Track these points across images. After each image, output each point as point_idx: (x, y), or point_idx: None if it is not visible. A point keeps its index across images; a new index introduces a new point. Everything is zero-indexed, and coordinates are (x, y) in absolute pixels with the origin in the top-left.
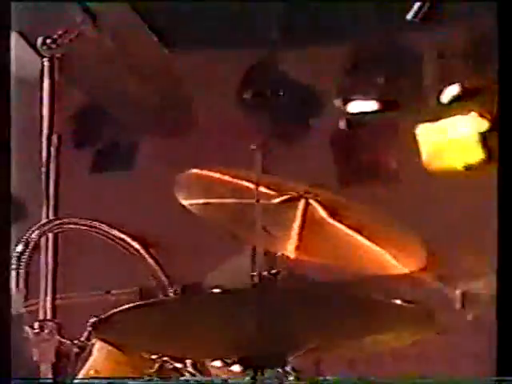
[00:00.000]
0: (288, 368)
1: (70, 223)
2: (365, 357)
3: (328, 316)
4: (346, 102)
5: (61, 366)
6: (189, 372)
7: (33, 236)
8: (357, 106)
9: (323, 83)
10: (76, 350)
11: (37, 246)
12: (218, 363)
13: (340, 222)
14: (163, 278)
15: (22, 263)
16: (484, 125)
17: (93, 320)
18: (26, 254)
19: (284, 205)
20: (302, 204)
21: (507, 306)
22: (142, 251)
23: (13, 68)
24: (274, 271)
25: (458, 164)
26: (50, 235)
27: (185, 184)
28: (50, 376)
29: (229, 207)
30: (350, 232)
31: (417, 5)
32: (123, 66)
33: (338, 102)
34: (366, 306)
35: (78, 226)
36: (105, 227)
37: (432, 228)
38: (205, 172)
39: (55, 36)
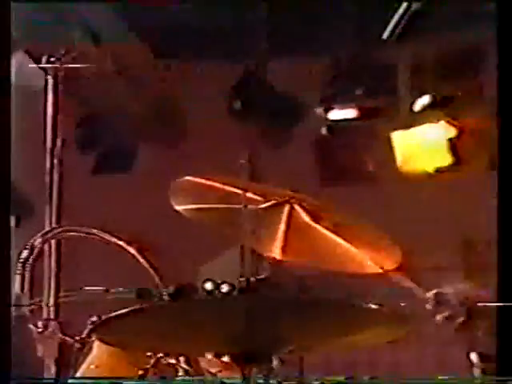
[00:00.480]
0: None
1: (70, 231)
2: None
3: (309, 319)
4: (327, 110)
5: (63, 361)
6: (182, 367)
7: (37, 242)
8: (337, 114)
9: (306, 94)
10: (78, 345)
11: (41, 252)
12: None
13: (321, 225)
14: (157, 279)
15: (26, 268)
16: (452, 132)
17: (92, 321)
18: (31, 259)
19: (270, 210)
20: (286, 209)
21: (507, 306)
22: (136, 255)
23: (13, 75)
24: (260, 277)
25: (429, 167)
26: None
27: (179, 190)
28: (53, 370)
29: (219, 212)
30: (331, 234)
31: (392, 25)
32: (120, 81)
33: (319, 111)
34: (343, 309)
35: (78, 234)
36: (102, 233)
37: (405, 227)
38: (197, 179)
39: (58, 55)
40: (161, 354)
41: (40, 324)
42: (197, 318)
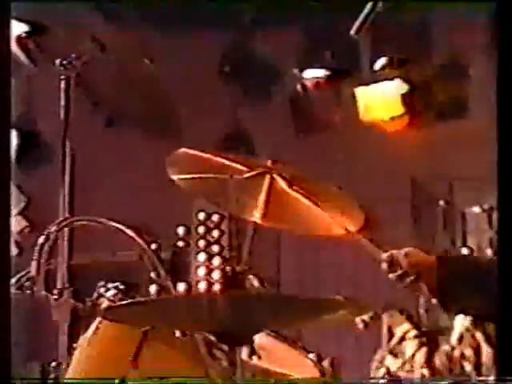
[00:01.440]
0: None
1: (81, 220)
2: None
3: (285, 308)
4: (301, 70)
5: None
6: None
7: (52, 230)
8: (310, 74)
9: (284, 58)
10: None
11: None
12: None
13: (297, 191)
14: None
15: (43, 253)
16: (405, 87)
17: (100, 285)
18: (46, 245)
19: (253, 179)
20: (267, 178)
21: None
22: (136, 238)
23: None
24: (243, 268)
25: (385, 117)
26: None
27: (175, 161)
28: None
29: (209, 181)
30: (305, 200)
31: (359, 22)
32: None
33: (295, 71)
34: (314, 301)
35: (87, 222)
36: (107, 221)
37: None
38: (191, 151)
39: (70, 59)
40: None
41: (55, 292)
42: (188, 305)
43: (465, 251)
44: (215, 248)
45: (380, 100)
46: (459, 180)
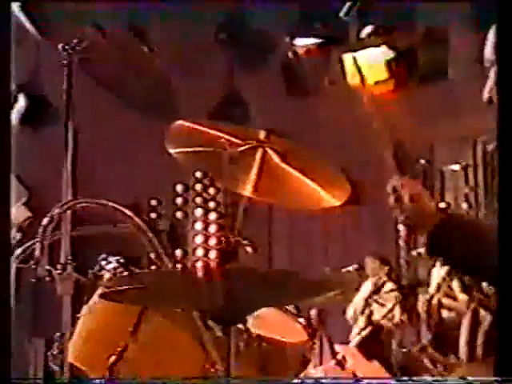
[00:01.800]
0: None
1: (83, 202)
2: None
3: (276, 289)
4: (293, 38)
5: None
6: None
7: (55, 212)
8: (301, 41)
9: (277, 27)
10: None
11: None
12: None
13: (289, 165)
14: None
15: (46, 234)
16: (390, 54)
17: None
18: (50, 227)
19: (246, 152)
20: (260, 152)
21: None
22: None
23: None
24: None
25: (371, 81)
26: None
27: (172, 135)
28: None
29: (205, 155)
30: (296, 173)
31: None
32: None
33: (287, 39)
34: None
35: (88, 204)
36: (107, 202)
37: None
38: (188, 123)
39: (72, 44)
40: None
41: (59, 266)
42: (185, 285)
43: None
44: (212, 216)
45: (366, 66)
46: (439, 140)
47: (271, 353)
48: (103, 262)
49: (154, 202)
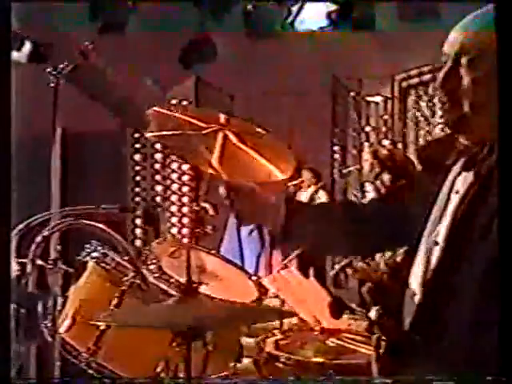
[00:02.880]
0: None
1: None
2: None
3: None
4: None
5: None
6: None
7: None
8: None
9: None
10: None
11: None
12: None
13: (244, 144)
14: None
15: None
16: (332, 6)
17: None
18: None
19: (210, 135)
20: (221, 134)
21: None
22: None
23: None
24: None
25: (315, 28)
26: None
27: (149, 120)
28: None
29: (176, 138)
30: (249, 150)
31: None
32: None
33: None
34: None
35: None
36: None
37: None
38: (161, 109)
39: (60, 67)
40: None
41: (50, 261)
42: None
43: None
44: (185, 199)
45: (311, 18)
46: (367, 76)
47: None
48: (89, 249)
49: None
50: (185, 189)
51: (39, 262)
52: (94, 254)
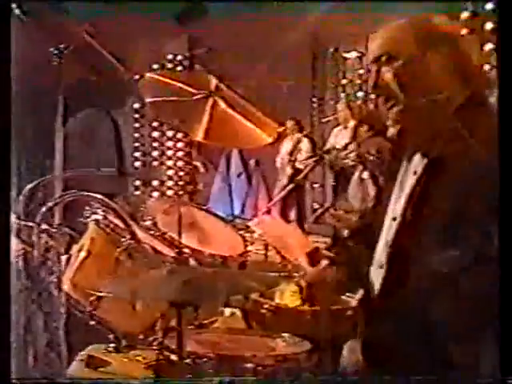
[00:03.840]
0: None
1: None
2: None
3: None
4: None
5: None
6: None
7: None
8: None
9: None
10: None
11: None
12: None
13: (233, 109)
14: None
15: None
16: None
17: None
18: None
19: (199, 101)
20: (210, 100)
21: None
22: None
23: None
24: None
25: None
26: None
27: (142, 86)
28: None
29: (167, 104)
30: (238, 116)
31: None
32: None
33: None
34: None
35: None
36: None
37: None
38: (156, 76)
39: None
40: None
41: (55, 225)
42: None
43: None
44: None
45: None
46: (344, 35)
47: None
48: (90, 211)
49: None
50: (180, 153)
51: (45, 226)
52: (94, 217)
